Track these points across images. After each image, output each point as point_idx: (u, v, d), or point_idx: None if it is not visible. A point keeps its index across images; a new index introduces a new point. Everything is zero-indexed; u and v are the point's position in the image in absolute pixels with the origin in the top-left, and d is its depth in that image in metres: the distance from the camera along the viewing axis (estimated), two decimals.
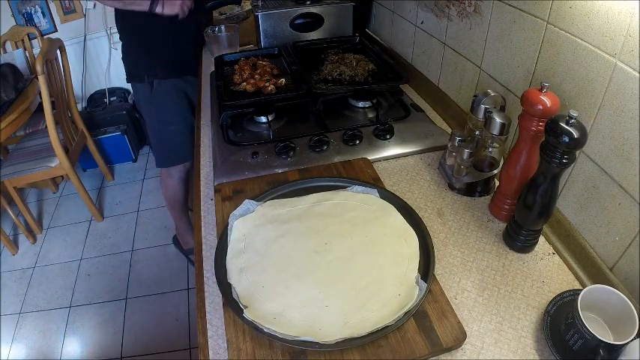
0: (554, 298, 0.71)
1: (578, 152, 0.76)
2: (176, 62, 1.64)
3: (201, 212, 0.98)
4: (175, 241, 2.19)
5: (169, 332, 1.88)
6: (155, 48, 1.56)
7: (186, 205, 1.96)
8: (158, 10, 1.44)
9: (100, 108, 3.00)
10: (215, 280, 0.76)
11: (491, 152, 0.91)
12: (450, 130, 1.16)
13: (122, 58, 1.67)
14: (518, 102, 0.83)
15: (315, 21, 1.60)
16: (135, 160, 3.04)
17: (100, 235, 2.43)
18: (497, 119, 0.84)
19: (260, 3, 1.64)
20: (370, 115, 1.26)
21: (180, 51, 1.61)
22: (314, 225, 0.86)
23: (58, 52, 2.30)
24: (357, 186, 0.94)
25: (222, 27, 1.68)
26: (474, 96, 0.92)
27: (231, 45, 1.66)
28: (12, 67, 2.28)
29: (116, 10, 1.56)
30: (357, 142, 1.11)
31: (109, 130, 2.86)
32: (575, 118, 0.64)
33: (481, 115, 0.91)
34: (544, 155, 0.69)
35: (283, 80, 1.30)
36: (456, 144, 0.95)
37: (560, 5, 0.75)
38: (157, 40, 1.57)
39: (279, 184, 0.97)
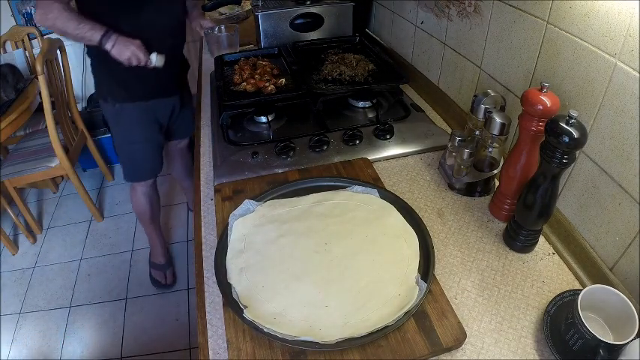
0: (554, 298, 0.71)
1: (578, 152, 0.76)
2: (141, 86, 1.49)
3: (201, 212, 0.98)
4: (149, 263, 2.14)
5: (169, 332, 1.88)
6: (118, 70, 1.38)
7: (155, 219, 1.94)
8: (107, 47, 1.28)
9: (100, 108, 2.99)
10: (215, 280, 0.76)
11: (491, 152, 0.91)
12: (450, 130, 1.16)
13: (91, 72, 1.56)
14: (518, 102, 0.83)
15: (315, 21, 1.60)
16: None
17: (100, 235, 2.43)
18: (497, 119, 0.84)
19: (260, 3, 1.64)
20: (370, 115, 1.26)
21: (147, 75, 1.41)
22: (314, 225, 0.86)
23: (58, 52, 2.30)
24: (357, 186, 0.94)
25: (222, 27, 1.67)
26: (474, 96, 0.92)
27: (231, 45, 1.65)
28: (12, 67, 2.28)
29: None
30: (357, 142, 1.11)
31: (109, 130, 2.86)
32: (575, 118, 0.64)
33: (481, 115, 0.91)
34: (544, 155, 0.69)
35: (283, 80, 1.30)
36: (456, 144, 0.95)
37: (560, 5, 0.75)
38: (121, 63, 1.38)
39: (279, 184, 0.97)
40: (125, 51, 1.30)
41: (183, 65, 1.69)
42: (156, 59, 1.36)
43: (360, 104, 1.29)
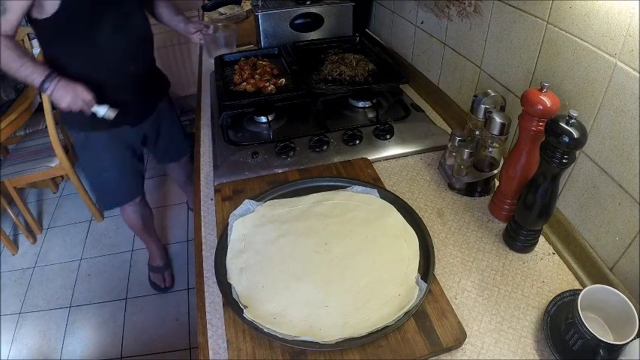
0: (554, 298, 0.71)
1: (578, 152, 0.76)
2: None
3: (201, 212, 0.98)
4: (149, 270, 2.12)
5: (169, 332, 1.88)
6: None
7: (149, 229, 1.92)
8: (48, 91, 1.18)
9: None
10: (215, 280, 0.76)
11: (491, 152, 0.91)
12: (450, 130, 1.16)
13: None
14: (518, 102, 0.83)
15: (315, 21, 1.60)
16: None
17: (100, 235, 2.43)
18: (497, 119, 0.84)
19: (260, 3, 1.64)
20: (370, 115, 1.26)
21: (110, 103, 1.27)
22: (314, 225, 0.86)
23: None
24: (357, 186, 0.94)
25: (220, 25, 1.65)
26: (474, 96, 0.92)
27: (229, 44, 1.61)
28: None
29: (44, 54, 1.31)
30: (357, 142, 1.11)
31: None
32: (575, 118, 0.64)
33: (481, 115, 0.91)
34: (544, 155, 0.69)
35: (283, 80, 1.30)
36: (456, 144, 0.95)
37: (560, 5, 0.75)
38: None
39: (279, 184, 0.97)
40: (65, 97, 1.18)
41: (157, 85, 1.55)
42: (105, 112, 1.24)
43: (360, 104, 1.29)
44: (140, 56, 1.40)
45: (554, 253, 0.83)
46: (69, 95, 1.19)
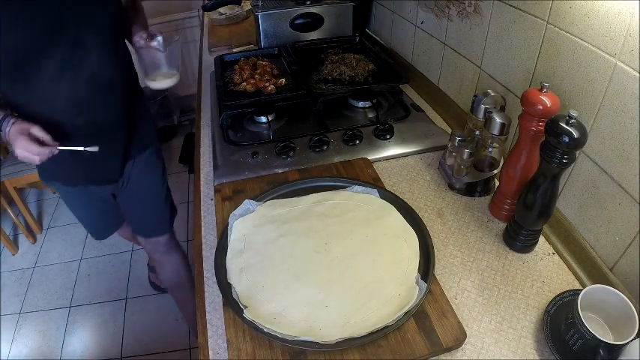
0: (554, 298, 0.71)
1: (578, 152, 0.76)
2: (61, 169, 1.15)
3: (201, 212, 0.98)
4: (149, 275, 2.12)
5: (169, 332, 1.88)
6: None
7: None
8: (4, 135, 0.98)
9: None
10: (215, 280, 0.76)
11: (491, 152, 0.91)
12: (450, 130, 1.16)
13: None
14: (518, 102, 0.83)
15: (315, 21, 1.60)
16: None
17: None
18: (497, 119, 0.84)
19: (260, 3, 1.64)
20: (370, 115, 1.26)
21: (66, 157, 1.03)
22: (314, 225, 0.86)
23: None
24: (357, 186, 0.94)
25: (160, 39, 1.10)
26: (474, 96, 0.92)
27: (171, 63, 1.14)
28: None
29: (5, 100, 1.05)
30: (357, 142, 1.11)
31: None
32: (575, 118, 0.64)
33: (481, 115, 0.91)
34: (544, 155, 0.69)
35: (283, 80, 1.30)
36: (456, 144, 0.95)
37: (560, 5, 0.75)
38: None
39: (279, 184, 0.97)
40: (16, 144, 0.95)
41: (133, 139, 1.22)
42: (84, 150, 1.01)
43: (360, 104, 1.29)
44: (99, 105, 1.08)
45: (554, 253, 0.83)
46: (17, 140, 0.95)
